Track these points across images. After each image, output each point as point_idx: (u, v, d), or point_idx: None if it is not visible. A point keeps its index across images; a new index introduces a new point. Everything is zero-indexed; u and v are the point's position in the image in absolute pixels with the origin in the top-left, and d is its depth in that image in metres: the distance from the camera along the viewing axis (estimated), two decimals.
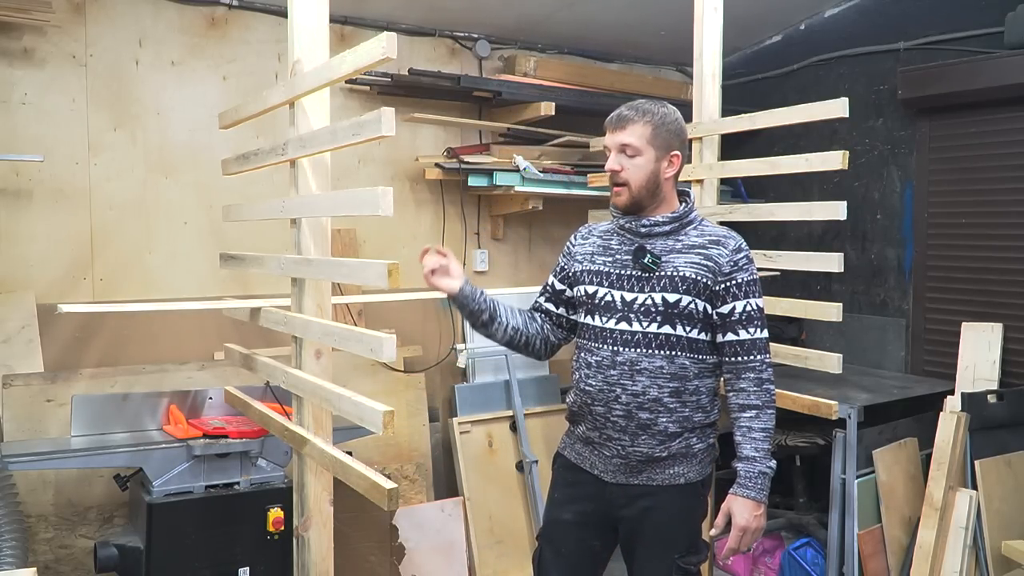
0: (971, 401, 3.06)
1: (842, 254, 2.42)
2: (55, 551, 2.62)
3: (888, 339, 3.80)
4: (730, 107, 2.91)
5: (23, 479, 2.48)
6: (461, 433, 3.48)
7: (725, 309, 1.88)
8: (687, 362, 1.89)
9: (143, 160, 3.12)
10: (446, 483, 3.59)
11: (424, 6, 3.49)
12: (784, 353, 2.62)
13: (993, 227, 3.40)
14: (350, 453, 1.78)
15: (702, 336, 1.91)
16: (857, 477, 3.02)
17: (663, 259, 1.90)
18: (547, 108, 3.50)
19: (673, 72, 4.50)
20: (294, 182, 1.92)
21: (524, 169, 3.47)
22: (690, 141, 2.83)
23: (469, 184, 3.59)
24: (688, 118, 2.83)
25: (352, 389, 1.70)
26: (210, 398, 2.67)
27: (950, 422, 3.00)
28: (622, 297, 1.92)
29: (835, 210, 2.40)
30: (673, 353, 1.88)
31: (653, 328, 1.88)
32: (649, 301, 1.89)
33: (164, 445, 2.39)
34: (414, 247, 3.74)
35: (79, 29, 2.98)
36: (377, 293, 3.05)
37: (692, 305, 1.88)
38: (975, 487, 2.98)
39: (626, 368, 1.89)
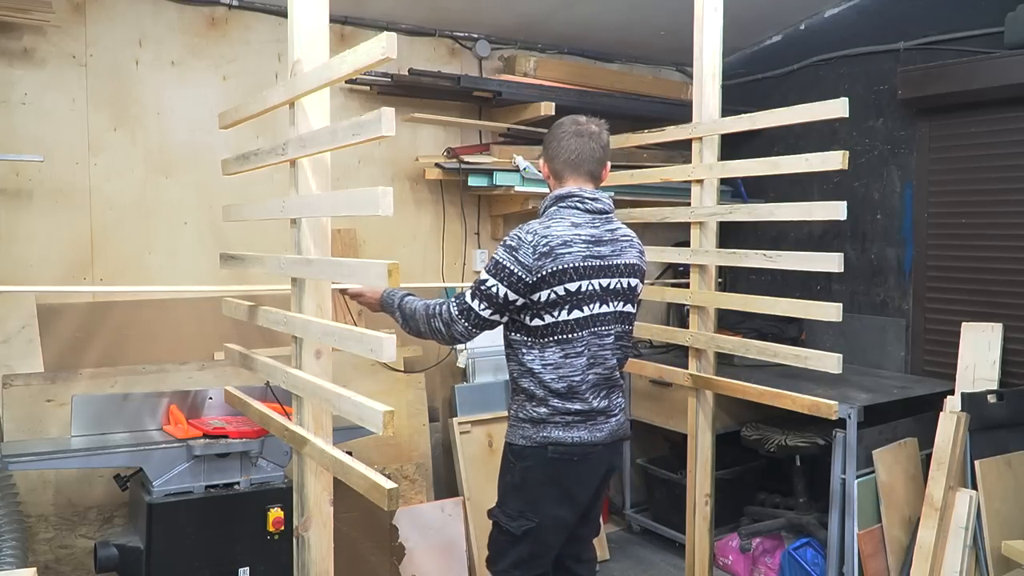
0: (971, 401, 3.06)
1: (842, 254, 2.41)
2: (55, 551, 2.62)
3: (888, 339, 3.80)
4: (730, 107, 2.91)
5: (23, 479, 2.48)
6: (461, 433, 3.48)
7: None
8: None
9: (143, 160, 3.12)
10: (446, 483, 3.59)
11: (424, 6, 3.49)
12: (784, 353, 2.61)
13: (993, 227, 3.40)
14: (350, 453, 1.78)
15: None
16: (857, 477, 3.02)
17: None
18: (547, 108, 3.50)
19: (673, 72, 4.51)
20: (294, 182, 1.92)
21: (524, 169, 3.46)
22: (694, 142, 2.82)
23: (469, 184, 3.59)
24: (688, 118, 2.85)
25: (352, 389, 1.69)
26: (210, 398, 2.67)
27: (950, 422, 3.00)
28: None
29: (835, 210, 2.40)
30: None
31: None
32: None
33: (164, 445, 2.39)
34: (414, 247, 3.78)
35: (79, 29, 2.98)
36: None
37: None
38: (975, 487, 2.98)
39: None
